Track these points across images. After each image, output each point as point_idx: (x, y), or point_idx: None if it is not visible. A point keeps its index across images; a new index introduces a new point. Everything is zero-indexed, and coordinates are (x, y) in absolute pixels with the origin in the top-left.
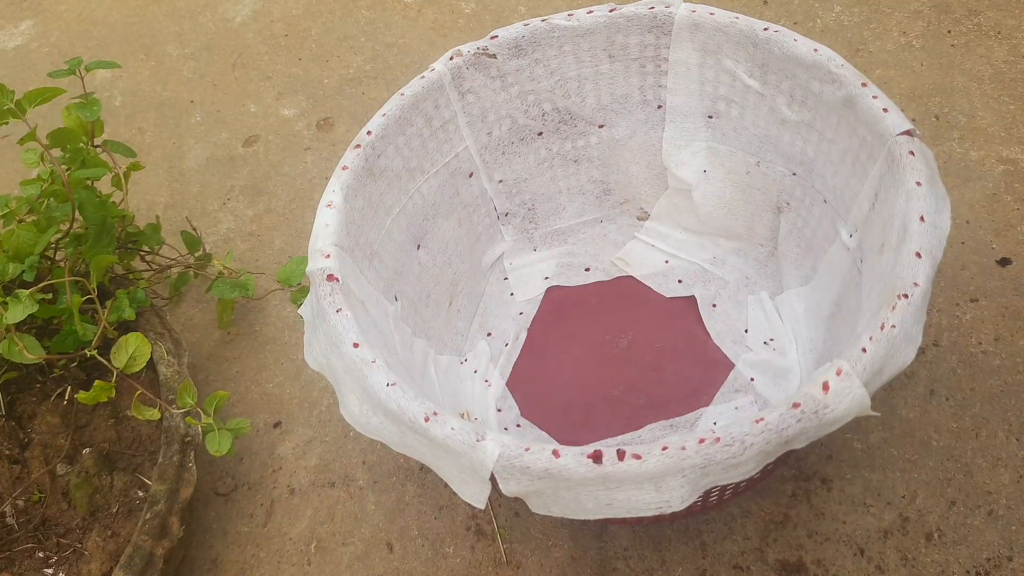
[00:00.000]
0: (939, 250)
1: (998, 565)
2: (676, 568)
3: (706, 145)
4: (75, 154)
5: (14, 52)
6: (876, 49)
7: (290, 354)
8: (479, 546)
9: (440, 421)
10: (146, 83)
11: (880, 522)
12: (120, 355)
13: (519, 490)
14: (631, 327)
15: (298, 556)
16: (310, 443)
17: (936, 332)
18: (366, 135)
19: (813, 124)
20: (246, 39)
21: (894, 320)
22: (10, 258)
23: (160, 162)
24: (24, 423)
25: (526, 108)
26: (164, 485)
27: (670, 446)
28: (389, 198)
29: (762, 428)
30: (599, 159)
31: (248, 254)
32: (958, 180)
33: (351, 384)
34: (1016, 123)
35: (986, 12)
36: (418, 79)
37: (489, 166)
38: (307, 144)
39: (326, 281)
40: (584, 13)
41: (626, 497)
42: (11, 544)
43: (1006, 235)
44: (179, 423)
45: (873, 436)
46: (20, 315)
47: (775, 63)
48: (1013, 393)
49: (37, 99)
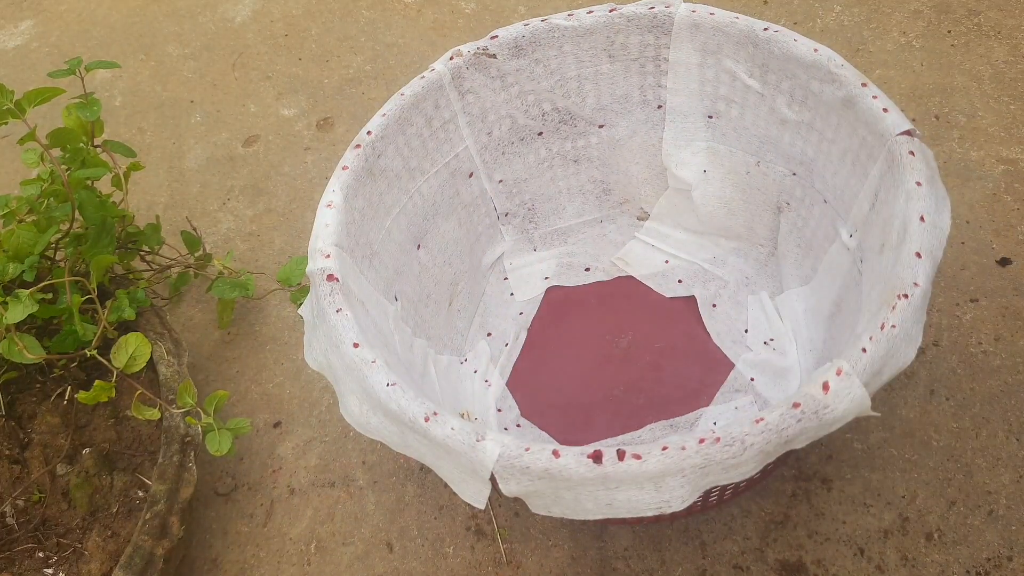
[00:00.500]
0: (939, 250)
1: (998, 565)
2: (676, 568)
3: (706, 145)
4: (75, 154)
5: (14, 52)
6: (876, 49)
7: (290, 354)
8: (479, 546)
9: (440, 421)
10: (146, 83)
11: (880, 522)
12: (120, 355)
13: (519, 490)
14: (631, 327)
15: (298, 556)
16: (310, 443)
17: (936, 332)
18: (366, 135)
19: (813, 124)
20: (246, 39)
21: (894, 320)
22: (10, 258)
23: (160, 162)
24: (24, 423)
25: (526, 108)
26: (164, 485)
27: (670, 446)
28: (389, 198)
29: (762, 428)
30: (599, 159)
31: (248, 254)
32: (958, 180)
33: (351, 384)
34: (1016, 123)
35: (986, 12)
36: (418, 79)
37: (489, 166)
38: (307, 144)
39: (326, 281)
40: (584, 13)
41: (626, 497)
42: (11, 544)
43: (1006, 235)
44: (179, 423)
45: (873, 436)
46: (20, 315)
47: (775, 63)
48: (1013, 393)
49: (37, 99)
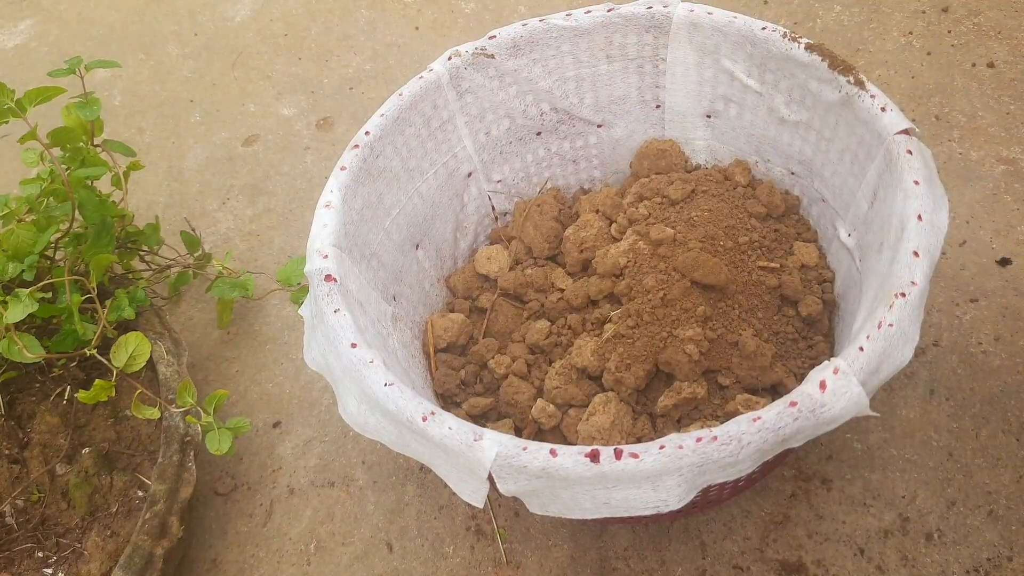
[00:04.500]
0: (937, 249)
1: (998, 565)
2: (676, 568)
3: (705, 144)
4: (75, 153)
5: (13, 51)
6: (876, 49)
7: (290, 354)
8: (479, 546)
9: (438, 421)
10: (145, 83)
11: (880, 522)
12: (120, 354)
13: (517, 489)
14: None
15: (298, 556)
16: (310, 443)
17: (936, 332)
18: (364, 135)
19: (811, 123)
20: (246, 39)
21: (891, 319)
22: (10, 257)
23: (159, 162)
24: (24, 423)
25: (524, 108)
26: (164, 485)
27: (667, 445)
28: (388, 198)
29: (759, 427)
30: (598, 159)
31: (248, 254)
32: (958, 180)
33: (349, 384)
34: (1016, 123)
35: (986, 12)
36: (416, 79)
37: (487, 166)
38: (307, 144)
39: (324, 281)
40: (582, 13)
41: (623, 496)
42: (10, 544)
43: (1006, 235)
44: (179, 422)
45: (873, 436)
46: (20, 314)
47: (773, 62)
48: (1013, 393)
49: (37, 98)
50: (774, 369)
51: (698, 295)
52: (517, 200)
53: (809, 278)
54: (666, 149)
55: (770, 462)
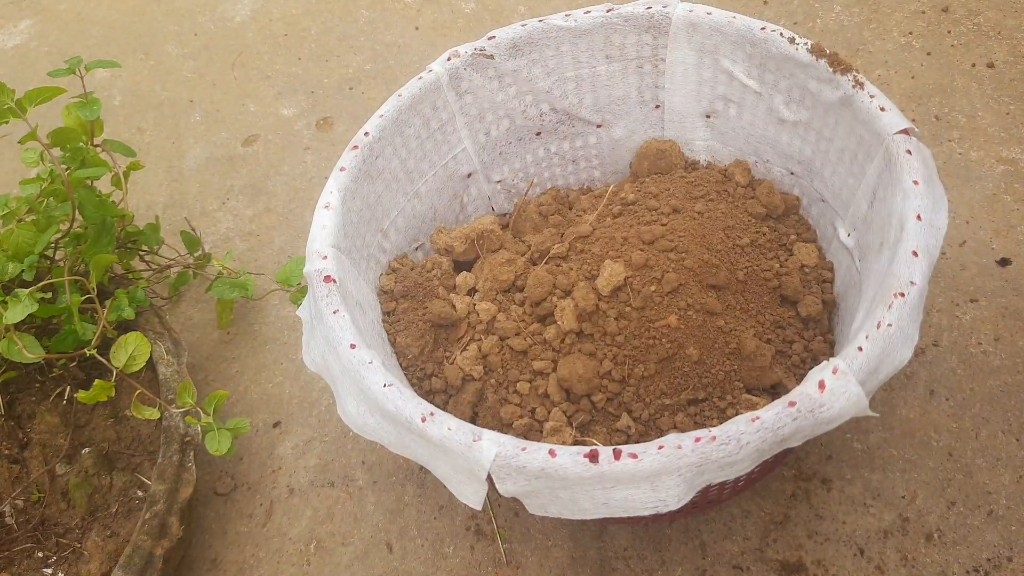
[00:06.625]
0: (936, 249)
1: (998, 565)
2: (676, 568)
3: (704, 144)
4: (75, 153)
5: (13, 51)
6: (876, 49)
7: (289, 354)
8: (479, 546)
9: (437, 421)
10: (145, 82)
11: (880, 522)
12: (119, 354)
13: (516, 490)
14: None
15: (297, 556)
16: (309, 443)
17: (936, 332)
18: (363, 136)
19: (811, 123)
20: (245, 39)
21: (890, 319)
22: (10, 257)
23: (159, 161)
24: (23, 423)
25: (524, 108)
26: (163, 485)
27: (666, 445)
28: (387, 200)
29: (758, 427)
30: (598, 159)
31: (247, 254)
32: (958, 180)
33: (348, 385)
34: (1016, 123)
35: (986, 12)
36: (416, 80)
37: (487, 166)
38: (307, 144)
39: (323, 282)
40: (581, 13)
41: (622, 496)
42: (10, 544)
43: (1006, 235)
44: (178, 423)
45: (873, 436)
46: (20, 314)
47: (772, 62)
48: (1013, 393)
49: (37, 98)
50: (774, 369)
51: (699, 294)
52: (517, 201)
53: (809, 278)
54: (666, 149)
55: (769, 462)
